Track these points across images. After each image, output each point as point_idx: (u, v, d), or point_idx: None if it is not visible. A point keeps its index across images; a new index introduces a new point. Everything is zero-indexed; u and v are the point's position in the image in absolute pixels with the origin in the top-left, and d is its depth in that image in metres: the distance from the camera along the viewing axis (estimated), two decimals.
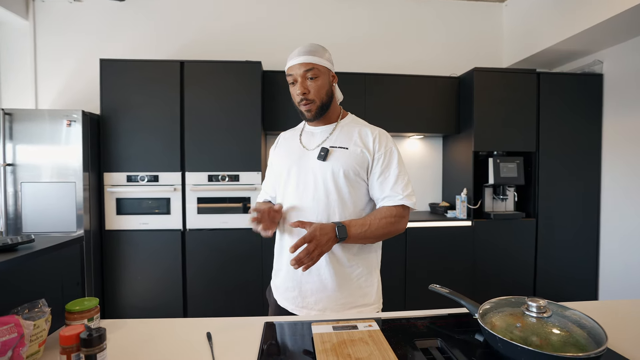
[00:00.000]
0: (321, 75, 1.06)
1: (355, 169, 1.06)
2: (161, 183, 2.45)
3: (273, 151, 1.26)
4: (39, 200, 2.28)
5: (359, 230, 1.00)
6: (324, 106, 1.08)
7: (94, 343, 0.61)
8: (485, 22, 3.27)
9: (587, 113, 2.79)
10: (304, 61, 1.04)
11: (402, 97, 2.82)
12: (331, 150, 1.07)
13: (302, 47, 1.07)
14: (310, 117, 1.09)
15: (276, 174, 1.19)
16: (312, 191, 1.06)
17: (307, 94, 1.05)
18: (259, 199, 1.31)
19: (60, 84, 2.84)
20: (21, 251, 0.80)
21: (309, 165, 1.09)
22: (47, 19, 2.82)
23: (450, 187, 3.07)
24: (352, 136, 1.10)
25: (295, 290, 1.08)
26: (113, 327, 0.86)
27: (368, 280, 1.10)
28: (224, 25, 2.98)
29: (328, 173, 1.05)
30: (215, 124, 2.48)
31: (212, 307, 2.49)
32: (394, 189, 1.06)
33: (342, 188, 1.05)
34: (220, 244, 2.49)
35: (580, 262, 2.79)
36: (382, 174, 1.07)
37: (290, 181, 1.11)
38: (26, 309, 0.72)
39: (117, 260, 2.44)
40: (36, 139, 2.27)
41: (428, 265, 2.65)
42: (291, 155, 1.14)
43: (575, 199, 2.78)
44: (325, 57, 1.08)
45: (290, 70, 1.07)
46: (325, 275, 1.05)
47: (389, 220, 1.04)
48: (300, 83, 1.05)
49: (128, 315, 2.45)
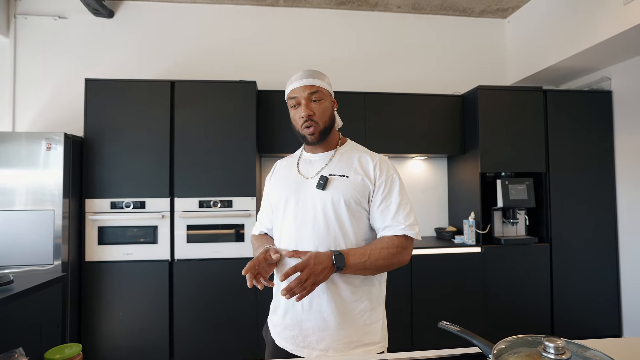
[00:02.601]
0: (325, 99, 1.11)
1: (356, 198, 1.07)
2: (148, 210, 2.45)
3: (269, 180, 1.27)
4: (13, 229, 2.26)
5: (358, 260, 1.01)
6: (326, 130, 1.12)
7: None
8: (487, 38, 3.40)
9: (597, 131, 2.86)
10: (309, 84, 1.09)
11: (405, 117, 2.89)
12: (331, 179, 1.09)
13: (304, 71, 1.12)
14: (313, 140, 1.12)
15: (272, 204, 1.20)
16: (311, 221, 1.07)
17: (313, 116, 1.09)
18: (255, 231, 1.31)
19: (41, 104, 2.87)
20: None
21: (307, 194, 1.10)
22: (29, 36, 2.89)
23: (457, 210, 3.10)
24: (352, 163, 1.12)
25: (295, 329, 1.07)
26: None
27: (373, 316, 1.09)
28: (217, 44, 3.07)
29: (328, 202, 1.07)
30: (207, 146, 2.51)
31: (201, 345, 2.44)
32: (395, 218, 1.07)
33: (343, 218, 1.06)
34: (211, 275, 2.47)
35: (599, 288, 2.79)
36: (383, 202, 1.09)
37: (288, 211, 1.12)
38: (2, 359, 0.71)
39: (97, 294, 2.40)
40: (12, 162, 2.28)
41: (435, 295, 2.63)
42: (288, 184, 1.16)
43: (590, 221, 2.80)
44: (326, 82, 1.14)
45: (292, 93, 1.11)
46: (327, 312, 1.05)
47: (390, 250, 1.04)
48: (305, 105, 1.09)
49: (111, 357, 2.39)
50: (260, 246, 1.18)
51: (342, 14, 3.22)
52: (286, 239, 1.11)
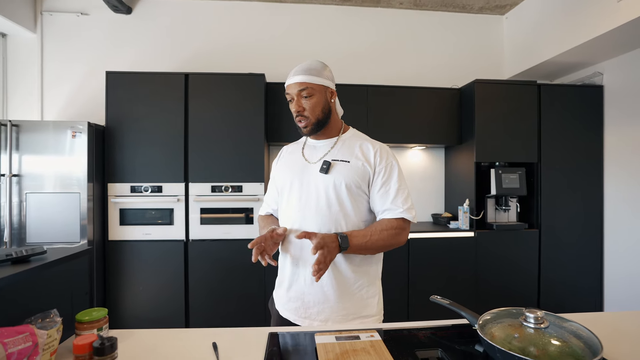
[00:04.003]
0: (315, 94, 1.10)
1: (357, 182, 1.09)
2: (165, 194, 2.49)
3: (275, 164, 1.29)
4: (43, 210, 2.32)
5: (360, 241, 1.03)
6: (319, 122, 1.13)
7: (106, 352, 0.64)
8: (486, 34, 3.35)
9: (588, 124, 2.83)
10: (298, 81, 1.09)
11: (404, 109, 2.88)
12: (333, 164, 1.11)
13: (299, 67, 1.12)
14: (306, 132, 1.14)
15: (278, 187, 1.22)
16: (314, 203, 1.09)
17: (302, 112, 1.10)
18: (261, 211, 1.34)
19: (66, 95, 2.91)
20: (34, 262, 0.84)
21: (311, 178, 1.12)
22: (55, 32, 2.92)
23: (453, 197, 3.11)
24: (354, 150, 1.14)
25: (298, 302, 1.11)
26: (121, 337, 0.89)
27: (370, 292, 1.12)
28: (228, 38, 3.07)
29: (330, 185, 1.09)
30: (219, 135, 2.54)
31: (214, 318, 2.51)
32: (394, 202, 1.09)
33: (344, 200, 1.09)
34: (223, 255, 2.52)
35: (584, 272, 2.80)
36: (382, 187, 1.11)
37: (293, 193, 1.14)
38: (39, 319, 0.75)
39: (119, 270, 2.47)
40: (41, 149, 2.33)
41: (430, 275, 2.66)
42: (293, 168, 1.18)
43: (577, 210, 2.80)
44: (322, 75, 1.11)
45: (287, 89, 1.12)
46: (327, 286, 1.08)
47: (389, 232, 1.07)
48: (295, 102, 1.10)
49: (130, 326, 2.47)
50: (265, 226, 1.21)
51: (346, 10, 3.19)
52: (290, 219, 1.13)
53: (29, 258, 0.85)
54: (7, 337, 0.61)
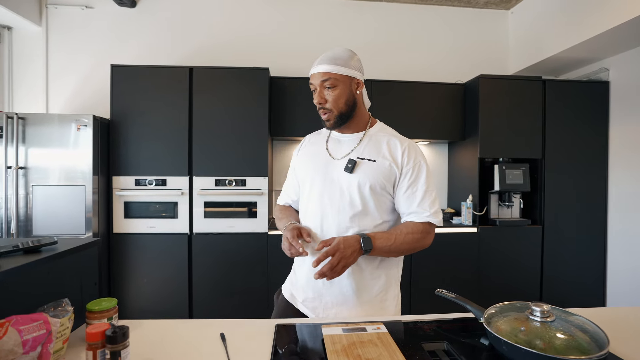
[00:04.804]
0: (339, 85, 1.04)
1: (382, 183, 1.05)
2: (169, 187, 2.50)
3: (296, 154, 1.24)
4: (49, 203, 2.34)
5: (384, 244, 1.00)
6: (342, 115, 1.07)
7: (118, 340, 0.65)
8: (491, 29, 3.32)
9: (593, 120, 2.81)
10: (321, 70, 1.04)
11: (408, 104, 2.87)
12: (359, 162, 1.06)
13: (324, 55, 1.06)
14: (329, 125, 1.10)
15: (299, 179, 1.18)
16: (337, 202, 1.06)
17: (324, 104, 1.06)
18: (280, 201, 1.29)
19: (71, 88, 2.91)
20: (45, 253, 0.85)
21: (334, 175, 1.08)
22: (60, 25, 2.91)
23: (456, 193, 3.10)
24: (381, 148, 1.09)
25: (316, 301, 1.08)
26: (130, 327, 0.90)
27: (388, 294, 1.10)
28: (232, 32, 3.05)
29: (354, 185, 1.04)
30: (223, 129, 2.53)
31: (217, 311, 2.53)
32: (421, 205, 1.05)
33: (368, 201, 1.05)
34: (227, 248, 2.53)
35: (587, 269, 2.80)
36: (409, 188, 1.06)
37: (315, 189, 1.10)
38: (51, 308, 0.76)
39: (124, 263, 2.49)
40: (47, 142, 2.33)
41: (433, 271, 2.67)
42: (316, 162, 1.13)
43: (581, 206, 2.79)
44: (348, 65, 1.05)
45: (311, 78, 1.07)
46: (346, 288, 1.05)
47: (415, 236, 1.04)
48: (318, 92, 1.06)
49: (134, 317, 2.48)
50: (284, 218, 1.16)
51: (350, 3, 3.17)
52: (311, 215, 1.10)
53: (40, 248, 0.86)
54: (23, 325, 0.62)
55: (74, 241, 0.95)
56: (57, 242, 0.89)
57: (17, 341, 0.60)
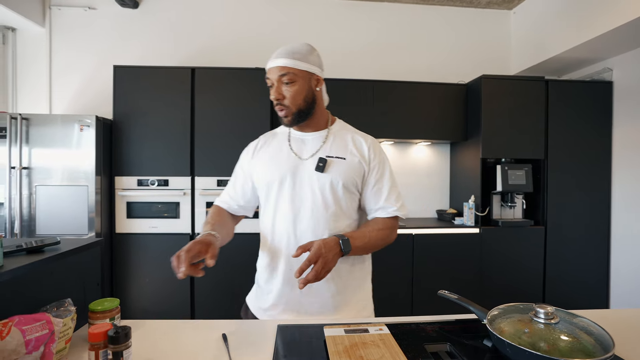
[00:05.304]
0: (298, 80, 0.98)
1: (354, 180, 1.03)
2: (171, 187, 2.50)
3: (251, 156, 1.13)
4: (52, 203, 2.34)
5: (360, 243, 0.99)
6: (301, 112, 1.02)
7: (120, 340, 0.65)
8: (493, 29, 3.31)
9: (596, 120, 2.80)
10: (279, 65, 0.98)
11: (410, 104, 2.86)
12: (329, 161, 1.02)
13: (282, 48, 1.00)
14: (286, 122, 1.04)
15: (261, 183, 1.08)
16: (310, 203, 1.01)
17: (282, 100, 1.00)
18: (219, 202, 1.18)
19: (74, 89, 2.92)
20: (48, 253, 0.85)
21: (305, 176, 1.03)
22: (63, 26, 2.92)
23: (458, 194, 3.09)
24: (347, 145, 1.06)
25: (293, 313, 1.04)
26: (132, 327, 0.89)
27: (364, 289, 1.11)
28: (235, 32, 3.06)
29: (327, 185, 1.01)
30: (225, 129, 2.54)
31: (219, 311, 2.53)
32: (388, 200, 1.05)
33: (341, 200, 1.03)
34: (228, 248, 2.49)
35: (590, 271, 2.79)
36: (376, 185, 1.06)
37: (284, 192, 1.03)
38: (54, 308, 0.76)
39: (126, 263, 2.49)
40: (50, 143, 2.34)
41: (435, 272, 2.66)
42: (282, 163, 1.05)
43: (584, 207, 2.78)
44: (307, 60, 1.00)
45: (267, 73, 1.01)
46: (326, 295, 1.02)
47: (385, 232, 1.04)
48: (275, 88, 1.00)
49: (136, 317, 2.49)
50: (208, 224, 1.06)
51: (352, 4, 3.17)
52: (281, 220, 1.03)
53: (43, 248, 0.86)
54: (26, 325, 0.62)
55: (77, 241, 0.95)
56: (60, 242, 0.89)
57: (20, 341, 0.60)
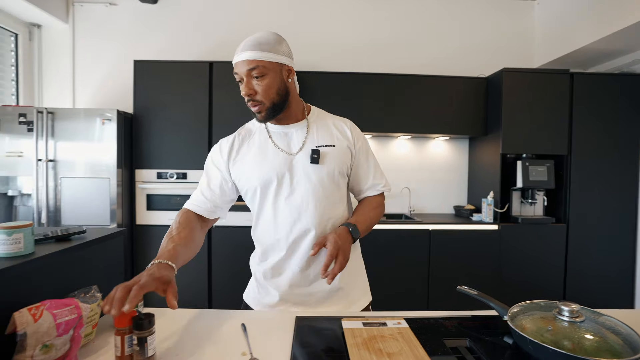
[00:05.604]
0: (269, 73, 0.92)
1: (346, 165, 1.04)
2: (189, 180, 2.55)
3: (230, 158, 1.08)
4: (77, 195, 2.42)
5: (364, 226, 1.00)
6: (275, 107, 0.97)
7: (145, 326, 0.67)
8: (515, 21, 3.20)
9: (625, 115, 2.68)
10: (247, 58, 0.91)
11: (428, 98, 2.81)
12: (321, 151, 1.00)
13: (247, 40, 0.94)
14: (261, 118, 1.00)
15: (248, 184, 1.04)
16: (311, 197, 0.98)
17: (254, 95, 0.94)
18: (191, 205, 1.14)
19: (96, 83, 3.00)
20: (75, 241, 0.88)
21: (301, 170, 0.99)
22: (85, 22, 2.99)
23: (477, 189, 3.03)
24: (331, 131, 1.05)
25: (300, 307, 1.05)
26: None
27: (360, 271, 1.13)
28: (252, 27, 3.06)
29: (324, 175, 0.99)
30: (242, 123, 2.52)
31: (235, 302, 2.56)
32: (375, 178, 1.09)
33: (338, 187, 1.04)
34: (245, 241, 2.53)
35: (614, 269, 2.70)
36: (363, 165, 1.08)
37: (282, 191, 1.00)
38: (82, 294, 0.79)
39: (146, 254, 2.56)
40: (74, 136, 2.42)
41: (452, 268, 2.63)
42: (273, 163, 1.00)
43: (609, 205, 2.68)
44: (276, 51, 0.93)
45: (235, 67, 0.95)
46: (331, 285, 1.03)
47: (379, 209, 1.09)
48: (245, 83, 0.94)
49: (156, 306, 2.56)
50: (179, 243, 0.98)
51: None
52: (284, 218, 1.00)
53: (70, 237, 0.89)
54: (56, 309, 0.65)
55: (101, 231, 0.98)
56: (85, 231, 0.92)
57: (51, 324, 0.63)
